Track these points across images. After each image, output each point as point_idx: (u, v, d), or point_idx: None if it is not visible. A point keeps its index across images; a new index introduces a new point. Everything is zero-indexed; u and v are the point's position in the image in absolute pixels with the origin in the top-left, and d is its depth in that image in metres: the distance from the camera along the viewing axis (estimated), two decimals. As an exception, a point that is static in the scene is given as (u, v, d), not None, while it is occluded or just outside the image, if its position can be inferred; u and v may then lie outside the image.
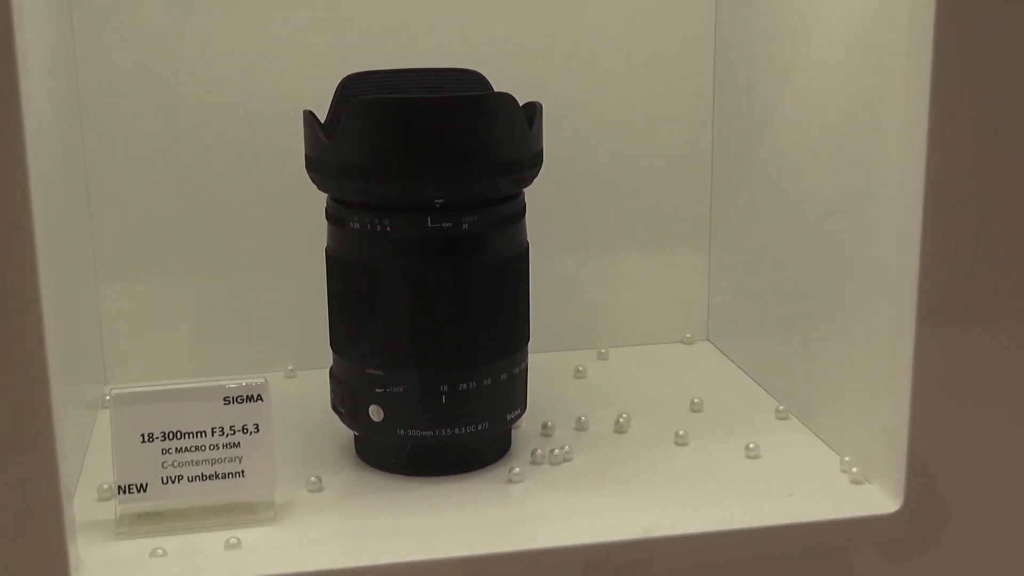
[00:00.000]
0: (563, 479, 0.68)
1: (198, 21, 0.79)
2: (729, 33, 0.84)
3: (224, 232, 0.82)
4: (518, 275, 0.68)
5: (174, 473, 0.61)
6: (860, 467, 0.66)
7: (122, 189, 0.81)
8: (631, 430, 0.74)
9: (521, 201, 0.67)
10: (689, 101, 0.86)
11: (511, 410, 0.68)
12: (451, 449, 0.67)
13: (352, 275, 0.66)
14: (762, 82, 0.79)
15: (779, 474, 0.68)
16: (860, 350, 0.67)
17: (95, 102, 0.79)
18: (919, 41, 0.58)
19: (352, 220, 0.65)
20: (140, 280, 0.82)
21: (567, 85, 0.84)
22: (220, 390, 0.62)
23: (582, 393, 0.80)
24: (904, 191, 0.60)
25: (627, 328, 0.89)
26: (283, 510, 0.64)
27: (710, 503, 0.64)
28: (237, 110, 0.81)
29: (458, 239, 0.64)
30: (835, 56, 0.68)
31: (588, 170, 0.86)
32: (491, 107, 0.63)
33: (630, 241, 0.88)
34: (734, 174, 0.85)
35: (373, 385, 0.66)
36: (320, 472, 0.67)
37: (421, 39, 0.81)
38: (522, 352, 0.69)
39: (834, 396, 0.70)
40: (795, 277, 0.76)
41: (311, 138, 0.66)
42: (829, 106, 0.69)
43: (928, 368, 0.60)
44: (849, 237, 0.68)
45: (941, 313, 0.60)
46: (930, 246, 0.59)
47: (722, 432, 0.73)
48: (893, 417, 0.62)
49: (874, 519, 0.62)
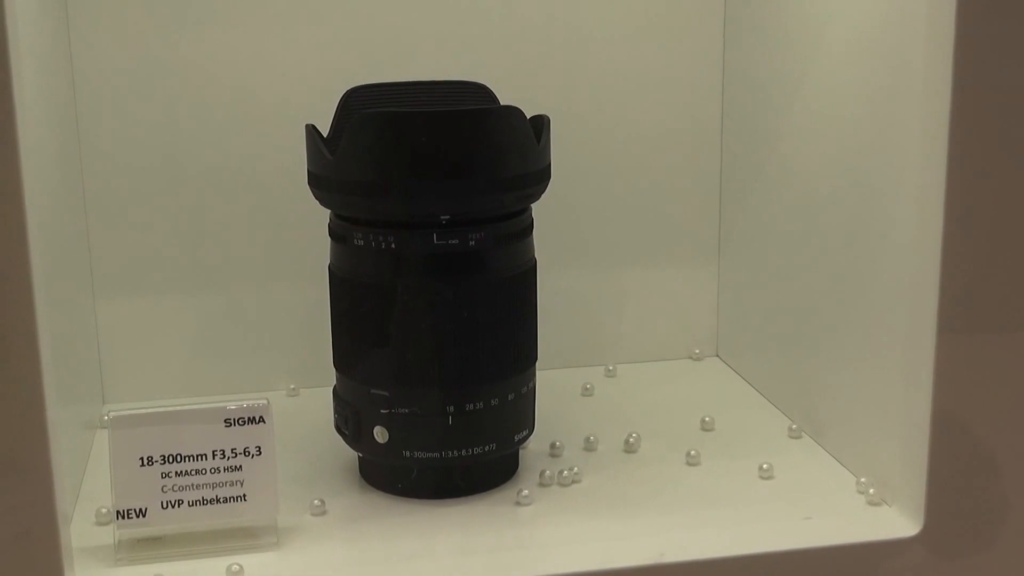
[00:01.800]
0: (572, 501, 0.66)
1: (197, 35, 0.78)
2: (738, 45, 0.83)
3: (224, 248, 0.81)
4: (526, 292, 0.66)
5: (174, 497, 0.60)
6: (877, 488, 0.65)
7: (121, 205, 0.79)
8: (641, 450, 0.73)
9: (528, 216, 0.66)
10: (698, 114, 0.85)
11: (519, 431, 0.67)
12: (458, 471, 0.66)
13: (356, 293, 0.64)
14: (771, 95, 0.78)
15: (794, 496, 0.66)
16: (875, 366, 0.65)
17: (93, 118, 0.78)
18: (938, 51, 0.57)
19: (356, 237, 0.63)
20: (139, 297, 0.81)
21: (573, 98, 0.83)
22: (221, 412, 0.61)
23: (590, 411, 0.79)
24: (922, 203, 0.59)
25: (635, 344, 0.88)
26: (286, 535, 0.62)
27: (725, 526, 0.63)
28: (237, 124, 0.79)
29: (464, 256, 0.63)
30: (846, 67, 0.67)
31: (595, 184, 0.85)
32: (498, 121, 0.62)
33: (637, 256, 0.87)
34: (743, 188, 0.83)
35: (378, 406, 0.64)
36: (323, 495, 0.66)
37: (424, 51, 0.80)
38: (530, 371, 0.67)
39: (848, 414, 0.69)
40: (806, 292, 0.74)
41: (313, 153, 0.64)
42: (840, 118, 0.68)
43: (949, 384, 0.59)
44: (862, 250, 0.66)
45: (962, 326, 0.59)
46: (951, 258, 0.58)
47: (734, 452, 0.72)
48: (912, 436, 0.61)
49: (894, 543, 0.61)
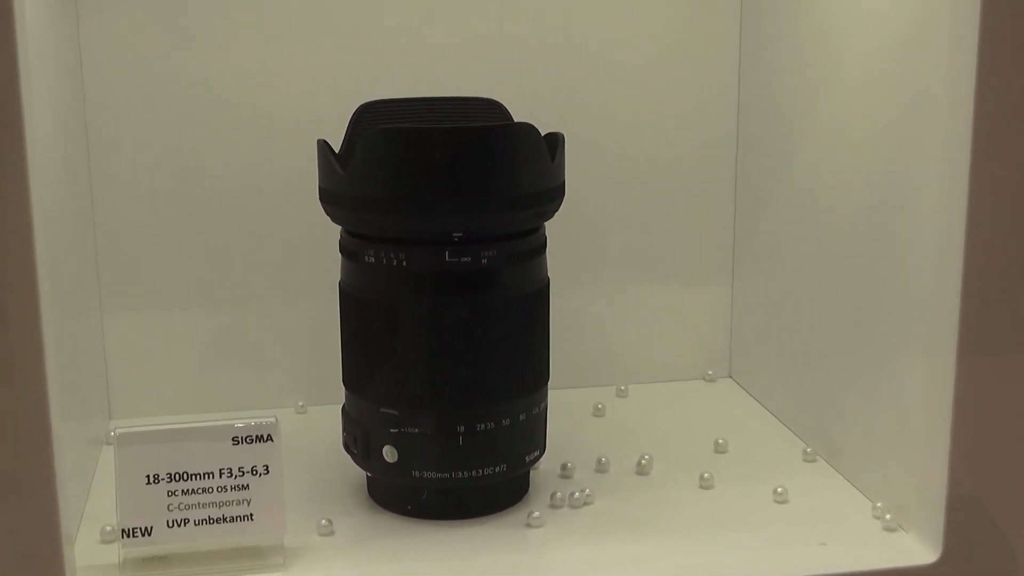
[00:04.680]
0: (584, 524, 0.65)
1: (207, 50, 0.78)
2: (753, 63, 0.82)
3: (231, 264, 0.81)
4: (538, 311, 0.65)
5: (180, 516, 0.59)
6: (893, 513, 0.64)
7: (129, 220, 0.79)
8: (653, 472, 0.72)
9: (542, 235, 0.65)
10: (712, 133, 0.85)
11: (530, 451, 0.66)
12: (468, 492, 0.65)
13: (366, 311, 0.64)
14: (786, 113, 0.77)
15: (809, 520, 0.65)
16: (893, 388, 0.64)
17: (102, 132, 0.77)
18: (961, 67, 0.56)
19: (367, 254, 0.63)
20: (146, 313, 0.80)
21: (586, 116, 0.82)
22: (229, 430, 0.60)
23: (601, 432, 0.78)
24: (942, 222, 0.58)
25: (647, 364, 0.87)
26: (293, 555, 0.61)
27: (739, 550, 0.62)
28: (246, 139, 0.79)
29: (477, 274, 0.62)
30: (863, 85, 0.67)
31: (607, 203, 0.84)
32: (513, 138, 0.61)
33: (650, 275, 0.86)
34: (757, 207, 0.83)
35: (387, 425, 0.63)
36: (331, 514, 0.65)
37: (437, 67, 0.80)
38: (542, 391, 0.67)
39: (864, 437, 0.68)
40: (821, 312, 0.73)
41: (325, 169, 0.64)
42: (856, 136, 0.68)
43: (970, 407, 0.58)
44: (880, 270, 0.66)
45: (984, 349, 0.58)
46: (972, 279, 0.57)
47: (748, 475, 0.71)
48: (930, 460, 0.60)
49: (912, 570, 0.60)
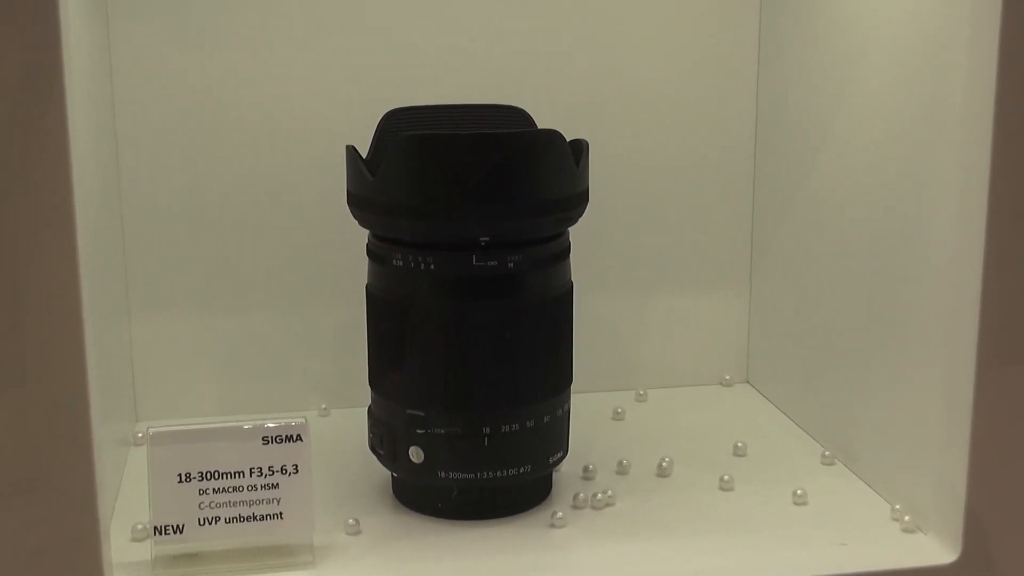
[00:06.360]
0: (606, 524, 0.66)
1: (235, 57, 0.78)
2: (772, 73, 0.83)
3: (256, 268, 0.82)
4: (563, 315, 0.66)
5: (211, 514, 0.60)
6: (912, 515, 0.64)
7: (156, 224, 0.80)
8: (674, 474, 0.73)
9: (566, 240, 0.66)
10: (731, 141, 0.86)
11: (553, 453, 0.67)
12: (493, 492, 0.66)
13: (394, 313, 0.65)
14: (805, 122, 0.78)
15: (828, 522, 0.66)
16: (911, 393, 0.65)
17: (130, 139, 0.78)
18: (980, 79, 0.57)
19: (395, 257, 0.64)
20: (173, 316, 0.81)
21: (608, 124, 0.83)
22: (259, 430, 0.61)
23: (622, 435, 0.79)
24: (961, 229, 0.59)
25: (665, 369, 0.88)
26: (321, 553, 0.62)
27: (759, 551, 0.63)
28: (273, 145, 0.80)
29: (503, 278, 0.63)
30: (882, 96, 0.67)
31: (626, 209, 0.85)
32: (540, 144, 0.62)
33: (669, 280, 0.87)
34: (775, 214, 0.83)
35: (414, 426, 0.64)
36: (357, 514, 0.66)
37: (463, 74, 0.81)
38: (565, 393, 0.67)
39: (882, 441, 0.69)
40: (839, 318, 0.74)
41: (354, 174, 0.65)
42: (875, 145, 0.69)
43: (989, 412, 0.59)
44: (898, 277, 0.66)
45: (1004, 355, 0.58)
46: (992, 285, 0.58)
47: (767, 477, 0.72)
48: (949, 463, 0.61)
49: (931, 571, 0.60)
